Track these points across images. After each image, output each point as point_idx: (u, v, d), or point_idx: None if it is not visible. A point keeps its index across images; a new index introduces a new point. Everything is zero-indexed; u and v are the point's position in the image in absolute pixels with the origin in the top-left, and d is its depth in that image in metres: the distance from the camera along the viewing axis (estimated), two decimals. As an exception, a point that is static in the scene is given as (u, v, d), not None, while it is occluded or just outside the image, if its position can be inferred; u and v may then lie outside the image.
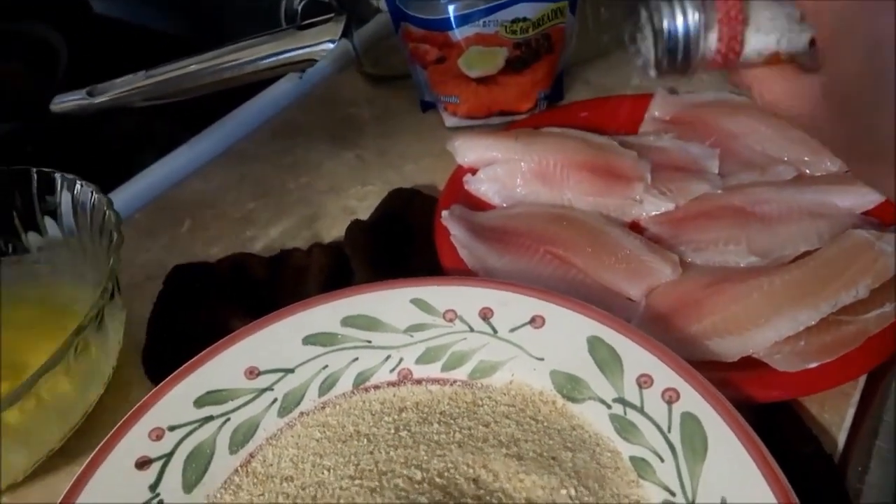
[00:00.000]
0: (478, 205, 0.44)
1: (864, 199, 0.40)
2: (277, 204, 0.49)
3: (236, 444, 0.31)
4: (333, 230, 0.45)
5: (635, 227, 0.42)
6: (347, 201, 0.48)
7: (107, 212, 0.34)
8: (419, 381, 0.33)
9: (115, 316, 0.34)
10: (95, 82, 0.50)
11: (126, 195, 0.51)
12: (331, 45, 0.46)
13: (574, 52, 0.55)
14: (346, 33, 0.54)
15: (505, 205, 0.44)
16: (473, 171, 0.45)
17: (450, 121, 0.52)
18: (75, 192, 0.37)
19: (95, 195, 0.35)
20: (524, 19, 0.46)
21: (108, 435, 0.30)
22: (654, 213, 0.42)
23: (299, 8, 0.53)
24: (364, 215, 0.45)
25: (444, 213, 0.41)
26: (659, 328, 0.34)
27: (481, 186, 0.44)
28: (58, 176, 0.38)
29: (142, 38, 0.79)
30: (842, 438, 0.31)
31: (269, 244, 0.45)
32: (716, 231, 0.39)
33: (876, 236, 0.35)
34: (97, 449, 0.30)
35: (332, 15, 0.46)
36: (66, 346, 0.30)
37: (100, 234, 0.35)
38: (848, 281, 0.33)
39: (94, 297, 0.32)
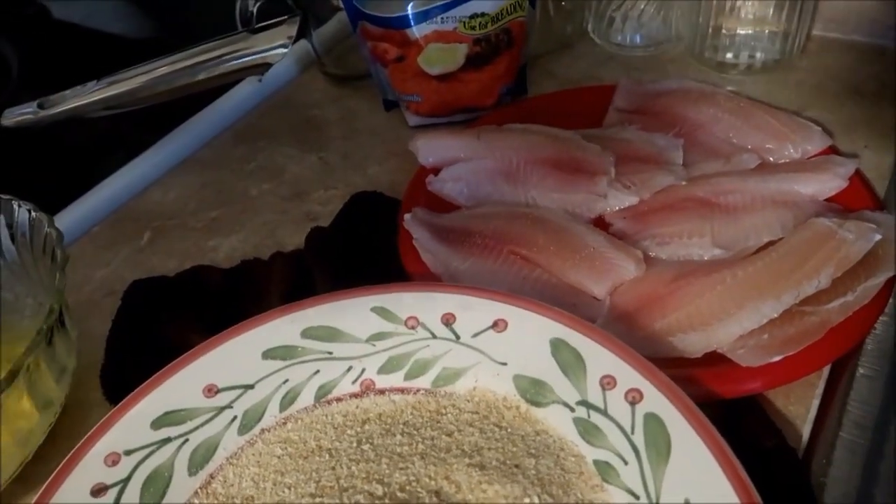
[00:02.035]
0: (442, 206, 0.43)
1: (826, 185, 0.40)
2: (240, 212, 0.48)
3: (195, 466, 0.30)
4: (296, 237, 0.44)
5: (600, 223, 0.41)
6: (311, 206, 0.47)
7: (48, 230, 0.33)
8: (382, 392, 0.33)
9: (65, 337, 0.33)
10: (51, 91, 0.49)
11: (84, 208, 0.50)
12: (285, 49, 0.45)
13: (537, 45, 0.55)
14: (302, 34, 0.53)
15: (468, 205, 0.43)
16: (436, 172, 0.45)
17: (413, 119, 0.51)
18: (13, 212, 0.36)
19: (34, 214, 0.34)
20: (482, 14, 0.46)
21: (62, 462, 0.29)
22: (618, 207, 0.41)
23: (254, 10, 0.52)
24: (327, 220, 0.44)
25: (407, 216, 0.40)
26: (624, 326, 0.34)
27: (444, 187, 0.44)
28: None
29: (99, 42, 0.77)
30: (806, 430, 0.30)
31: (231, 254, 0.44)
32: (680, 224, 0.39)
33: (838, 224, 0.35)
34: (51, 477, 0.29)
35: (285, 17, 0.45)
36: (19, 367, 0.29)
37: (42, 253, 0.34)
38: (810, 271, 0.33)
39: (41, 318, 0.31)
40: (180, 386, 0.32)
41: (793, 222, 0.38)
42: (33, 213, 0.34)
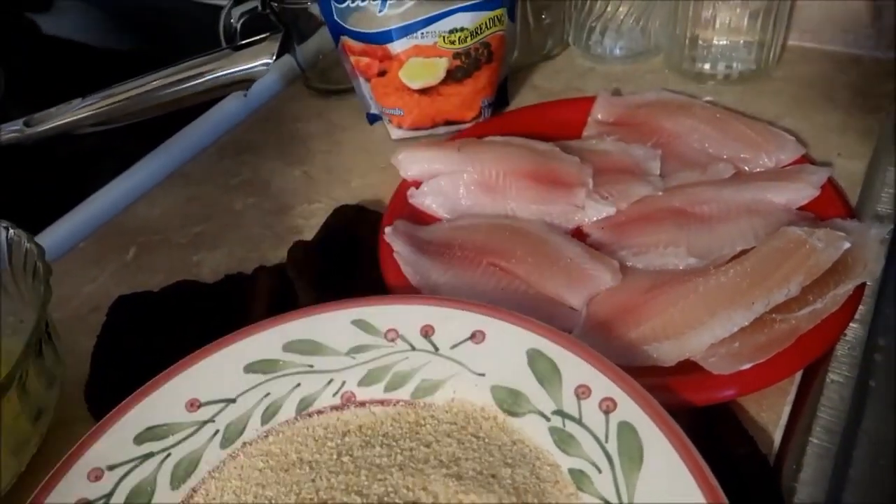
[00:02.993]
0: (424, 219, 0.44)
1: (799, 194, 0.40)
2: (224, 227, 0.48)
3: (178, 480, 0.31)
4: (280, 251, 0.44)
5: (578, 234, 0.42)
6: (294, 220, 0.48)
7: (28, 246, 0.34)
8: (362, 404, 0.33)
9: (52, 347, 0.34)
10: (40, 106, 0.49)
11: (71, 224, 0.50)
12: (268, 64, 0.46)
13: (518, 57, 0.56)
14: (285, 50, 0.54)
15: (450, 217, 0.44)
16: (418, 185, 0.45)
17: (395, 133, 0.52)
18: None
19: (12, 231, 0.35)
20: (462, 29, 0.47)
21: (46, 478, 0.30)
22: (596, 218, 0.42)
23: (238, 26, 0.52)
24: (310, 234, 0.45)
25: (388, 229, 0.41)
26: (600, 336, 0.35)
27: (425, 200, 0.44)
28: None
29: (88, 57, 0.77)
30: (778, 436, 0.31)
31: (216, 268, 0.45)
32: (656, 234, 0.40)
33: (808, 233, 0.35)
34: (35, 492, 0.30)
35: (267, 34, 0.46)
36: (11, 378, 0.30)
37: (24, 270, 0.34)
38: (780, 279, 0.34)
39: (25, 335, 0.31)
40: (163, 401, 0.32)
41: (765, 231, 0.38)
42: (11, 231, 0.35)
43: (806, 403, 0.32)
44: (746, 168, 0.44)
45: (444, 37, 0.47)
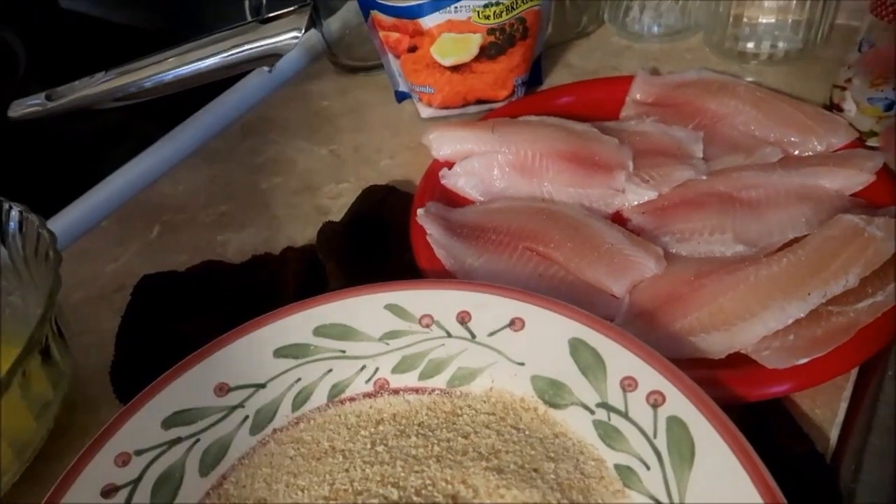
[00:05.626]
0: (455, 200, 0.42)
1: (852, 180, 0.38)
2: (250, 206, 0.47)
3: (207, 466, 0.30)
4: (307, 232, 0.43)
5: (618, 218, 0.40)
6: (321, 200, 0.46)
7: (41, 232, 0.33)
8: (396, 392, 0.32)
9: (59, 341, 0.33)
10: (60, 82, 0.48)
11: (93, 202, 0.49)
12: (296, 38, 0.44)
13: (552, 35, 0.54)
14: (312, 24, 0.52)
15: (483, 199, 0.42)
16: (450, 165, 0.44)
17: (425, 111, 0.50)
18: (3, 214, 0.35)
19: (26, 215, 0.34)
20: (497, 3, 0.45)
21: (72, 462, 0.29)
22: (636, 202, 0.40)
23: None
24: (338, 215, 0.43)
25: (420, 211, 0.39)
26: (643, 326, 0.33)
27: (458, 181, 0.43)
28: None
29: (108, 33, 0.76)
30: (834, 434, 0.29)
31: (241, 248, 0.44)
32: (700, 220, 0.38)
33: (866, 221, 0.34)
34: (60, 478, 0.29)
35: (295, 7, 0.44)
36: (13, 373, 0.29)
37: (35, 256, 0.33)
38: (838, 270, 0.32)
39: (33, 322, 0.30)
40: (191, 385, 0.31)
41: (818, 218, 0.36)
42: (25, 215, 0.34)
43: (864, 400, 0.30)
44: (795, 152, 0.42)
45: (478, 11, 0.45)
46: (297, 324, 0.33)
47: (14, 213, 0.35)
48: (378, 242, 0.40)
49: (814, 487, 0.27)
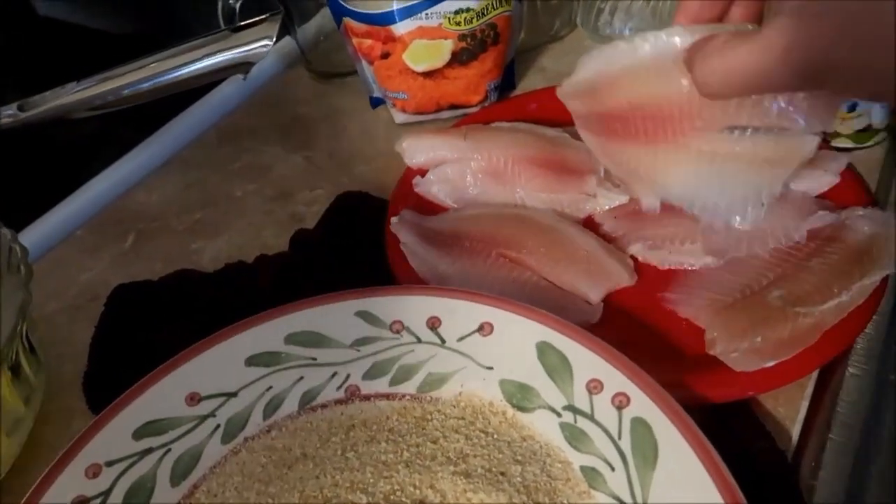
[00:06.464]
0: (430, 207, 0.43)
1: (818, 181, 0.39)
2: (224, 213, 0.47)
3: (178, 476, 0.30)
4: (281, 238, 0.43)
5: (590, 223, 0.41)
6: (296, 207, 0.46)
7: (12, 246, 0.32)
8: (367, 398, 0.32)
9: (31, 357, 0.33)
10: (38, 90, 0.48)
11: (67, 211, 0.49)
12: (268, 46, 0.44)
13: (525, 39, 0.54)
14: (285, 31, 0.52)
15: (457, 206, 0.43)
16: (423, 173, 0.44)
17: (399, 117, 0.51)
18: None
19: None
20: (467, 10, 0.45)
21: (42, 475, 0.29)
22: (608, 206, 0.41)
23: (237, 7, 0.51)
24: (312, 222, 0.43)
25: (394, 219, 0.40)
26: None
27: (431, 188, 0.43)
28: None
29: (85, 39, 0.76)
30: (796, 432, 0.30)
31: (216, 256, 0.44)
32: (671, 226, 0.38)
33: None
34: (31, 489, 0.29)
35: (267, 15, 0.44)
36: None
37: (7, 270, 0.33)
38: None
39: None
40: (162, 395, 0.32)
41: (782, 223, 0.37)
42: (-4, 228, 0.34)
43: (824, 398, 0.31)
44: (762, 154, 0.42)
45: (449, 18, 0.45)
46: (268, 332, 0.33)
47: None
48: (351, 249, 0.40)
49: (775, 485, 0.28)
